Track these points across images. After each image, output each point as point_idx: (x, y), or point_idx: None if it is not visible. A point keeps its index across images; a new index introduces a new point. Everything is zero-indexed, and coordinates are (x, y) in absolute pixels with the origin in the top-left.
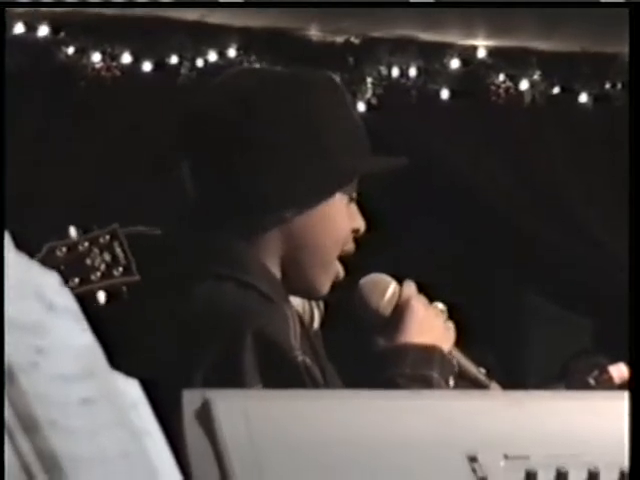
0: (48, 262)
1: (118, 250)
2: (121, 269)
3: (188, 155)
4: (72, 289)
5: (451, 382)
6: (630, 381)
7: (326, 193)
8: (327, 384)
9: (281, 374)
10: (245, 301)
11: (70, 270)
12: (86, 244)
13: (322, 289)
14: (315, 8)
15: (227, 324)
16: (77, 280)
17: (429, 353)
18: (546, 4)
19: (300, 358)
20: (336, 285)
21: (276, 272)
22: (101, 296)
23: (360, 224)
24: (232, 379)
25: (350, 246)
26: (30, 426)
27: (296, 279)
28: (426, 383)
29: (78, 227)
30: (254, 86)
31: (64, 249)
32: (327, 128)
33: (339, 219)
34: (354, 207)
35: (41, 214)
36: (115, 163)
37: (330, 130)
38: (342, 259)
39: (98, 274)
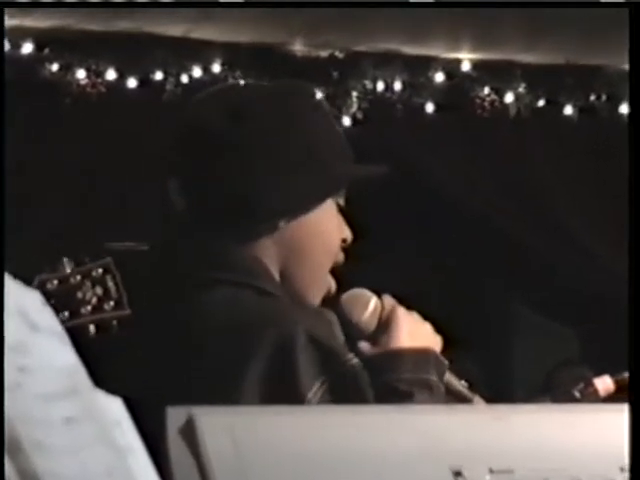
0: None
1: (110, 284)
2: (112, 303)
3: (177, 169)
4: (62, 322)
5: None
6: (630, 394)
7: (318, 199)
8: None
9: (338, 374)
10: (276, 306)
11: (61, 303)
12: (78, 277)
13: (312, 302)
14: (299, 22)
15: (275, 331)
16: (67, 314)
17: (425, 356)
18: (547, 4)
19: (355, 360)
20: (327, 299)
21: (278, 278)
22: (91, 330)
23: (347, 234)
24: (287, 382)
25: (340, 257)
26: (13, 447)
27: (290, 290)
28: (426, 387)
29: (70, 259)
30: (241, 97)
31: (55, 282)
32: (315, 136)
33: (330, 227)
34: (341, 217)
35: (26, 239)
36: (102, 180)
37: (318, 138)
38: (333, 272)
39: (89, 308)
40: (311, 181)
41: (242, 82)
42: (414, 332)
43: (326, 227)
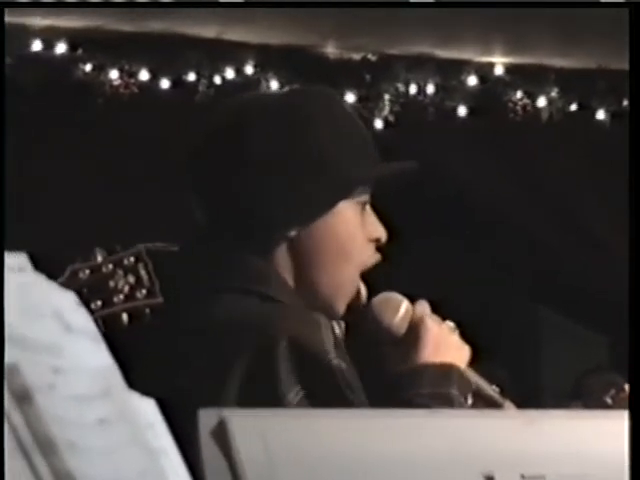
0: (71, 284)
1: (142, 272)
2: (145, 291)
3: (193, 180)
4: (94, 312)
5: (469, 400)
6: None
7: (327, 205)
8: (358, 399)
9: (317, 378)
10: (274, 312)
11: (92, 292)
12: (110, 266)
13: (337, 309)
14: (331, 25)
15: (258, 333)
16: (100, 303)
17: (447, 371)
18: (548, 4)
19: (335, 362)
20: (355, 304)
21: (293, 286)
22: (124, 318)
23: (380, 233)
24: (268, 387)
25: (374, 258)
26: (47, 448)
27: (311, 298)
28: (446, 401)
29: (102, 248)
30: (250, 109)
31: (87, 271)
32: (323, 142)
33: (349, 230)
34: (371, 216)
35: (61, 233)
36: (134, 180)
37: (327, 143)
38: (364, 277)
39: (121, 296)
40: (318, 188)
41: (275, 85)
42: (441, 345)
43: (343, 230)
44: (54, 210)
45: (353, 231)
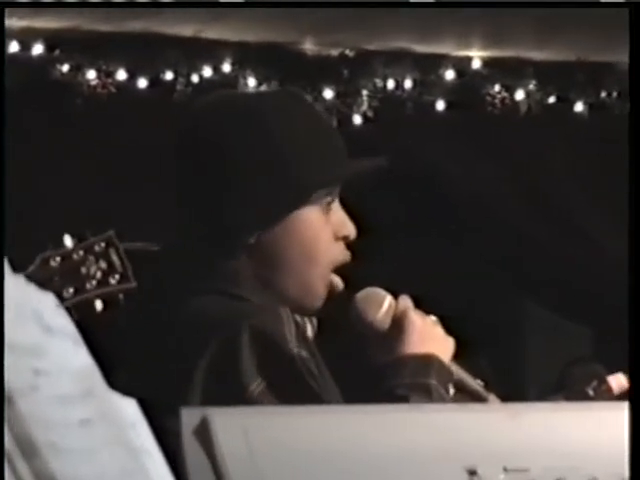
0: (42, 273)
1: (114, 257)
2: (118, 276)
3: (170, 182)
4: (67, 299)
5: (451, 391)
6: (630, 391)
7: (284, 212)
8: (324, 387)
9: (278, 367)
10: (239, 308)
11: (65, 280)
12: (81, 253)
13: (311, 306)
14: (309, 21)
15: (221, 328)
16: (72, 290)
17: (427, 362)
18: (547, 4)
19: (295, 350)
20: (332, 298)
21: (262, 288)
22: (98, 304)
23: (349, 230)
24: (231, 378)
25: (343, 255)
26: (29, 450)
27: (281, 298)
28: (425, 391)
29: (72, 235)
30: (215, 111)
31: (58, 259)
32: (283, 146)
33: (312, 231)
34: (339, 214)
35: (36, 228)
36: (111, 179)
37: (286, 148)
38: (339, 271)
39: (94, 282)
40: (276, 192)
41: (252, 83)
42: (425, 338)
43: (306, 233)
44: (29, 206)
45: (317, 232)
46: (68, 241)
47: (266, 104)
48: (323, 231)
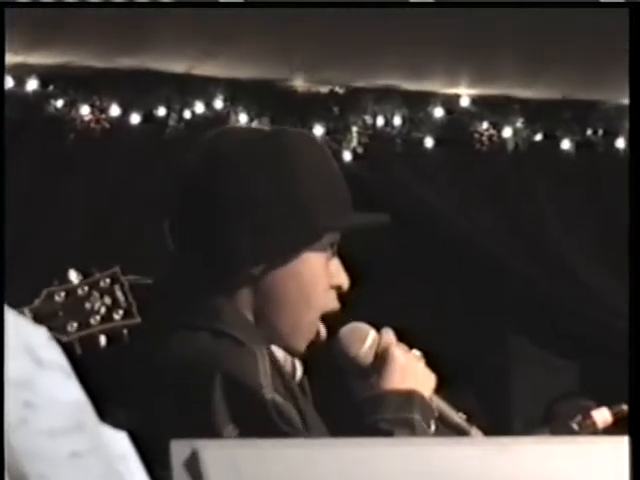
0: (47, 307)
1: (119, 293)
2: (122, 312)
3: (167, 211)
4: (70, 334)
5: (432, 427)
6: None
7: (294, 251)
8: (307, 427)
9: (250, 413)
10: (217, 348)
11: (68, 315)
12: (86, 288)
13: (296, 347)
14: (299, 59)
15: (198, 370)
16: (76, 325)
17: (409, 397)
18: (547, 4)
19: (269, 396)
20: (315, 344)
21: (252, 321)
22: (102, 340)
23: (342, 281)
24: (204, 422)
25: (334, 304)
26: None
27: (271, 333)
28: (408, 426)
29: (77, 271)
30: (231, 146)
31: (63, 294)
32: (301, 187)
33: (312, 277)
34: (336, 263)
35: (33, 264)
36: (104, 215)
37: (303, 188)
38: (325, 318)
39: (98, 318)
40: (287, 234)
41: (244, 117)
42: (407, 373)
43: (307, 278)
44: (28, 236)
45: (316, 278)
46: (73, 276)
47: (286, 142)
48: (322, 278)
